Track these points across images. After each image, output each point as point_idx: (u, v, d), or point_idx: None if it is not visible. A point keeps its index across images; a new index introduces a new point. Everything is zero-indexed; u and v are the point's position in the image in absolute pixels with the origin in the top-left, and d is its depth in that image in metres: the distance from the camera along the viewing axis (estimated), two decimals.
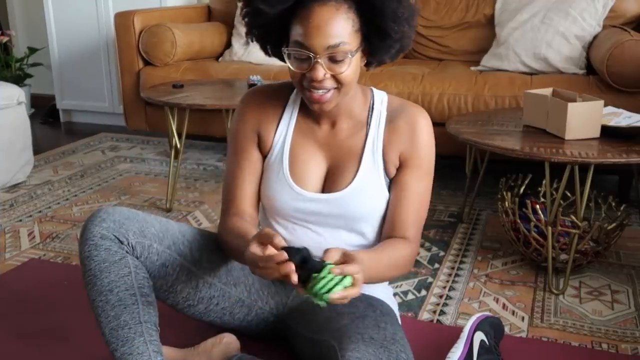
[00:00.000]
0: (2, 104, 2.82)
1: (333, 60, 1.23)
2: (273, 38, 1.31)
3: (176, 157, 2.62)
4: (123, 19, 3.24)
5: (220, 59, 3.46)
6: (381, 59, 1.33)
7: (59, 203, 2.71)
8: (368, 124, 1.38)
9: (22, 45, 4.63)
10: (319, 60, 1.21)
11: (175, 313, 1.46)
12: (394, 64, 3.24)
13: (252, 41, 1.35)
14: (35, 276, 2.02)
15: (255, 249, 1.12)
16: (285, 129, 1.41)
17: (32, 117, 4.09)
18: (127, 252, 1.29)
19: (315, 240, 1.41)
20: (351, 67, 1.25)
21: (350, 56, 1.23)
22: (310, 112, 1.40)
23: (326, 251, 1.13)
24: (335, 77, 1.25)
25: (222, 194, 1.47)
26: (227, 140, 1.47)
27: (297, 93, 1.43)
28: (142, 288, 1.29)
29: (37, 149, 3.47)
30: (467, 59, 3.26)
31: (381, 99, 1.41)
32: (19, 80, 4.30)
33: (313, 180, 1.39)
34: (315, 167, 1.40)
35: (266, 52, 1.37)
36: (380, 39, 1.27)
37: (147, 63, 3.28)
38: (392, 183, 1.39)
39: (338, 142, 1.39)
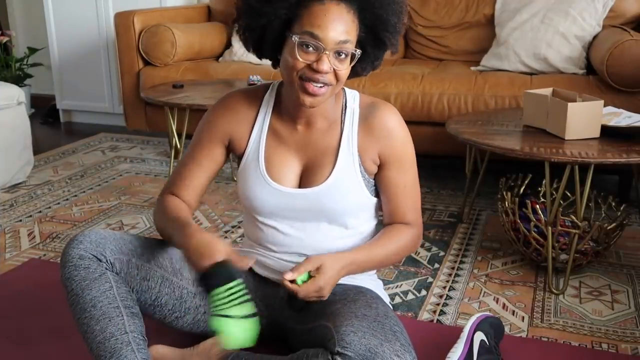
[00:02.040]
0: (2, 104, 2.82)
1: (338, 56, 1.28)
2: (274, 31, 1.32)
3: (176, 157, 2.63)
4: (123, 19, 3.24)
5: (220, 59, 3.46)
6: (362, 69, 1.39)
7: (59, 203, 2.71)
8: (342, 122, 1.43)
9: (22, 45, 4.64)
10: (327, 53, 1.26)
11: None
12: (394, 63, 3.25)
13: (243, 33, 1.35)
14: (35, 276, 2.02)
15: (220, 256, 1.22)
16: (259, 131, 1.45)
17: (32, 117, 4.09)
18: (106, 268, 1.32)
19: (297, 236, 1.45)
20: (348, 67, 1.31)
21: (354, 54, 1.30)
22: (284, 113, 1.44)
23: (300, 265, 1.27)
24: (335, 73, 1.29)
25: (170, 176, 1.52)
26: (194, 134, 1.50)
27: (270, 94, 1.47)
28: (124, 300, 1.31)
29: (37, 149, 3.47)
30: (467, 59, 3.26)
31: (353, 97, 1.45)
32: (19, 80, 4.30)
33: (290, 177, 1.43)
34: (292, 164, 1.44)
35: (252, 47, 1.38)
36: (374, 47, 1.35)
37: (147, 63, 3.28)
38: (379, 181, 1.44)
39: (313, 141, 1.43)
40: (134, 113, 3.32)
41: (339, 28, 1.25)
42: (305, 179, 1.43)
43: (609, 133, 1.96)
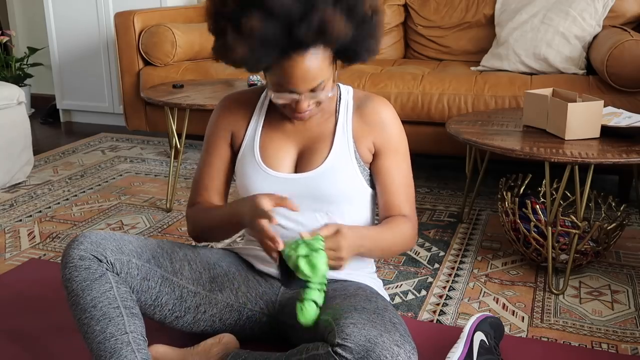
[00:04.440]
0: (2, 104, 2.82)
1: (315, 93, 1.33)
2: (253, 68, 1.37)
3: (176, 157, 2.63)
4: (123, 19, 3.24)
5: None
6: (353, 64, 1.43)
7: (59, 203, 2.71)
8: (337, 112, 1.48)
9: (22, 45, 4.64)
10: (303, 96, 1.32)
11: None
12: (394, 63, 3.25)
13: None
14: (35, 276, 2.02)
15: (266, 204, 1.28)
16: (255, 124, 1.50)
17: (32, 117, 4.10)
18: (106, 269, 1.33)
19: (295, 229, 1.46)
20: (329, 89, 1.36)
21: (330, 88, 1.35)
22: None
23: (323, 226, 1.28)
24: (317, 102, 1.36)
25: (191, 189, 1.58)
26: (204, 141, 1.58)
27: (267, 94, 1.52)
28: (125, 301, 1.32)
29: (37, 149, 3.47)
30: (467, 59, 3.26)
31: (347, 90, 1.51)
32: (19, 80, 4.30)
33: (285, 163, 1.47)
34: (287, 151, 1.47)
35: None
36: (351, 61, 1.39)
37: (147, 63, 3.28)
38: (375, 172, 1.48)
39: (308, 129, 1.47)
40: (134, 113, 3.32)
41: (310, 77, 1.29)
42: (301, 165, 1.46)
43: (609, 133, 1.96)
